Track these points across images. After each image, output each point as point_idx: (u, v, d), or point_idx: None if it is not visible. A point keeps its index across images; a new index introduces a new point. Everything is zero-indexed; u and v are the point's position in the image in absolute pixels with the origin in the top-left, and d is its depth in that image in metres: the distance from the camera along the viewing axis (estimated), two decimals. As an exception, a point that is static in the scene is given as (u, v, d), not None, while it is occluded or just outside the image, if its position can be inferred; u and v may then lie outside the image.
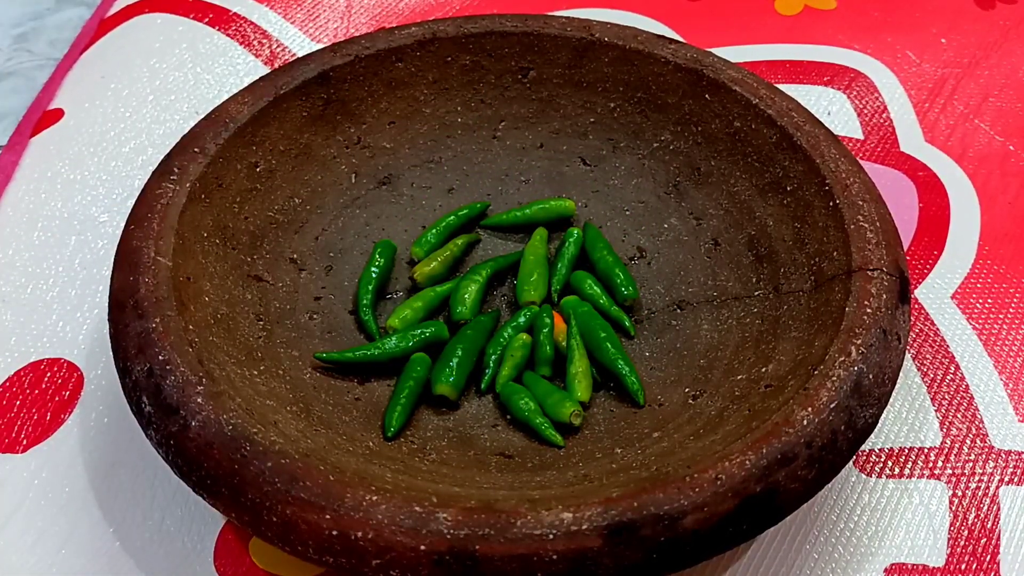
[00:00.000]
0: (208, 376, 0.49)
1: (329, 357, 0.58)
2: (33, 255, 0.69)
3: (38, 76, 0.89)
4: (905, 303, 0.53)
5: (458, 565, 0.43)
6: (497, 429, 0.57)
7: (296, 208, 0.64)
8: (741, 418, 0.51)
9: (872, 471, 0.58)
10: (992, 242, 0.70)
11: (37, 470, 0.58)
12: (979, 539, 0.56)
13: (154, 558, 0.55)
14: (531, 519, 0.43)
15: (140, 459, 0.58)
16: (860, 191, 0.57)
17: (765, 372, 0.54)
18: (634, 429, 0.55)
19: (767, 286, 0.60)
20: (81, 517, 0.56)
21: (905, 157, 0.76)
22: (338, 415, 0.55)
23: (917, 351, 0.64)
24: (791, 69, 0.84)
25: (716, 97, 0.64)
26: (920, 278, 0.68)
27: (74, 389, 0.62)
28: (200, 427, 0.46)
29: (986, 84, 0.83)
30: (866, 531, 0.56)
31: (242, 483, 0.45)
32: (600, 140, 0.68)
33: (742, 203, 0.63)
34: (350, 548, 0.43)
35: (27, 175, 0.74)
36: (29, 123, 0.79)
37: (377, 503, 0.44)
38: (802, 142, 0.60)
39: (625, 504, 0.44)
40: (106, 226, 0.71)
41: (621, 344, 0.60)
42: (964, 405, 0.61)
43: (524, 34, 0.67)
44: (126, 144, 0.76)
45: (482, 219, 0.68)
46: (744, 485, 0.45)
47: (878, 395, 0.50)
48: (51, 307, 0.66)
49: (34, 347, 0.64)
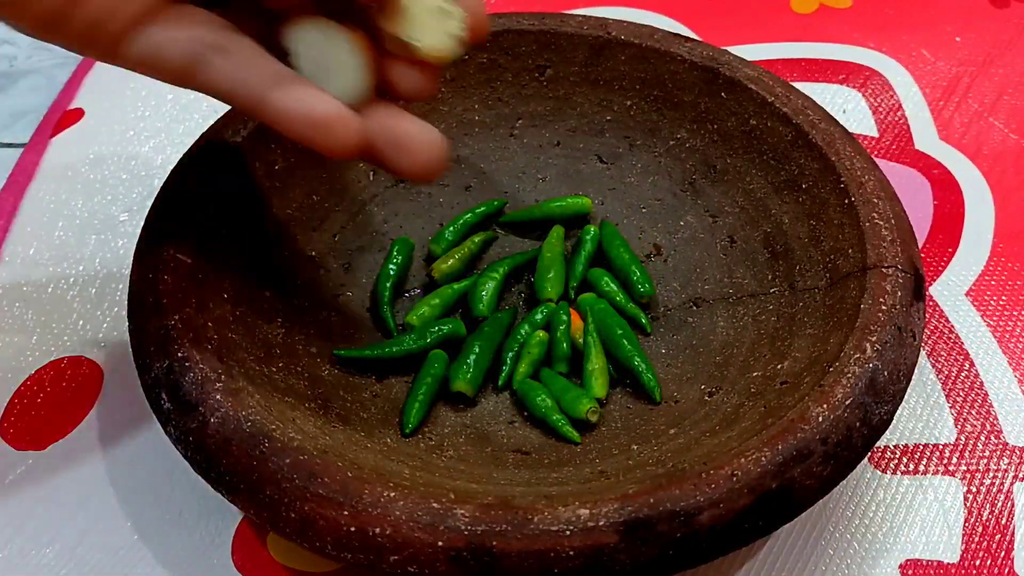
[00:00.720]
0: (227, 373, 0.49)
1: (347, 354, 0.58)
2: (54, 254, 0.70)
3: (57, 74, 0.89)
4: (920, 300, 0.53)
5: (475, 561, 0.43)
6: (514, 426, 0.57)
7: (314, 206, 0.64)
8: (757, 415, 0.51)
9: (887, 468, 0.58)
10: (1006, 239, 0.70)
11: (57, 466, 0.59)
12: (994, 535, 0.56)
13: (172, 553, 0.55)
14: (548, 515, 0.43)
15: (159, 455, 0.59)
16: (875, 189, 0.57)
17: (781, 369, 0.54)
18: (650, 426, 0.56)
19: (783, 283, 0.60)
20: (100, 512, 0.57)
21: (920, 155, 0.76)
22: (356, 412, 0.55)
23: (932, 348, 0.64)
24: (806, 67, 0.84)
25: (732, 95, 0.64)
26: (935, 275, 0.68)
27: (94, 386, 0.62)
28: (219, 424, 0.47)
29: (1001, 82, 0.82)
30: (881, 527, 0.56)
31: (260, 479, 0.45)
32: (616, 138, 0.68)
33: (758, 201, 0.63)
34: (368, 544, 0.44)
35: (48, 175, 0.75)
36: (50, 123, 0.79)
37: (395, 499, 0.44)
38: (817, 140, 0.60)
39: (641, 500, 0.44)
40: (126, 225, 0.71)
41: (638, 341, 0.60)
42: (979, 402, 0.61)
43: (541, 32, 0.67)
44: (146, 143, 0.77)
45: (499, 217, 0.68)
46: (760, 481, 0.45)
47: (893, 392, 0.50)
48: (72, 305, 0.67)
49: (55, 345, 0.64)
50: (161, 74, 0.46)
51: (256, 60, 0.45)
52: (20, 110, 0.86)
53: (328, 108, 0.44)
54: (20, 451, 0.59)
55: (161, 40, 0.45)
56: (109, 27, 0.44)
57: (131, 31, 0.44)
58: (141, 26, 0.44)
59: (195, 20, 0.45)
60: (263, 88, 0.45)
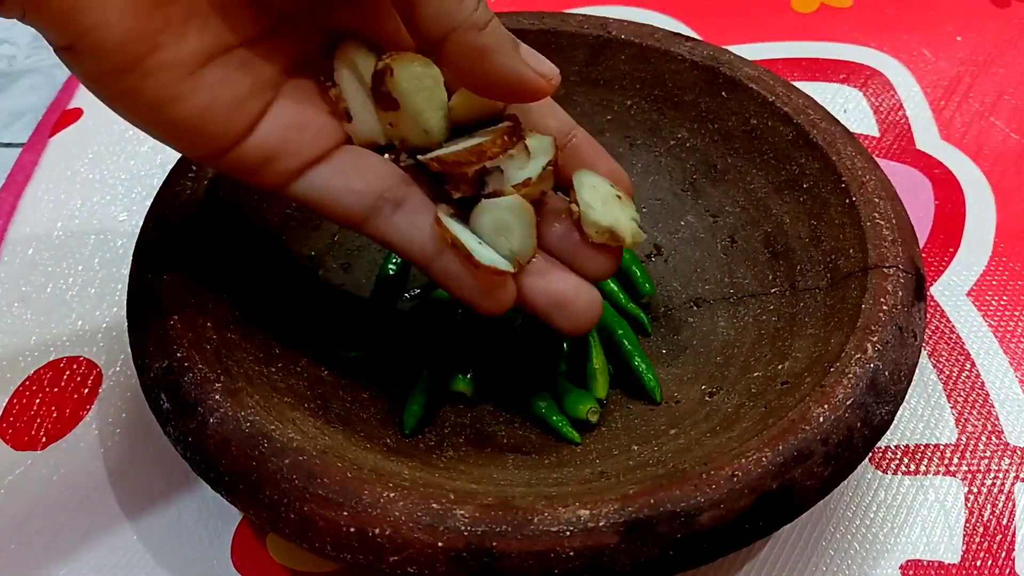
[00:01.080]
0: (226, 373, 0.49)
1: (347, 354, 0.58)
2: (53, 254, 0.69)
3: (57, 74, 0.89)
4: (921, 300, 0.53)
5: (475, 562, 0.43)
6: (514, 426, 0.57)
7: (314, 206, 0.64)
8: (757, 415, 0.51)
9: (888, 468, 0.58)
10: (1008, 239, 0.70)
11: (56, 466, 0.59)
12: (995, 536, 0.56)
13: (172, 553, 0.55)
14: (548, 516, 0.43)
15: (158, 455, 0.59)
16: (876, 188, 0.57)
17: (781, 369, 0.54)
18: (651, 426, 0.56)
19: (783, 283, 0.60)
20: (99, 513, 0.57)
21: (921, 155, 0.76)
22: (355, 412, 0.55)
23: (933, 348, 0.64)
24: (807, 67, 0.84)
25: (732, 95, 0.64)
26: (936, 275, 0.68)
27: (93, 386, 0.62)
28: (218, 424, 0.47)
29: (1001, 82, 0.82)
30: (882, 528, 0.56)
31: (260, 480, 0.45)
32: (617, 137, 0.68)
33: (758, 200, 0.63)
34: (367, 545, 0.43)
35: (47, 174, 0.75)
36: (48, 123, 0.79)
37: (394, 500, 0.44)
38: (818, 139, 0.60)
39: (642, 501, 0.44)
40: (125, 225, 0.71)
41: (638, 341, 0.60)
42: (980, 402, 0.61)
43: (541, 31, 0.67)
44: (145, 143, 0.77)
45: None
46: (760, 482, 0.45)
47: (894, 392, 0.50)
48: (71, 305, 0.67)
49: (54, 345, 0.64)
50: (333, 216, 0.47)
51: (428, 217, 0.47)
52: (19, 109, 0.86)
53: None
54: (19, 451, 0.59)
55: (339, 187, 0.46)
56: (284, 164, 0.46)
57: (307, 170, 0.46)
58: (316, 166, 0.46)
59: (373, 169, 0.47)
60: (435, 250, 0.47)
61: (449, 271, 0.48)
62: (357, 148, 0.47)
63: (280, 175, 0.46)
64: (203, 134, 0.44)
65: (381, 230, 0.48)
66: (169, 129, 0.44)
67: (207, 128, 0.43)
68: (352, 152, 0.47)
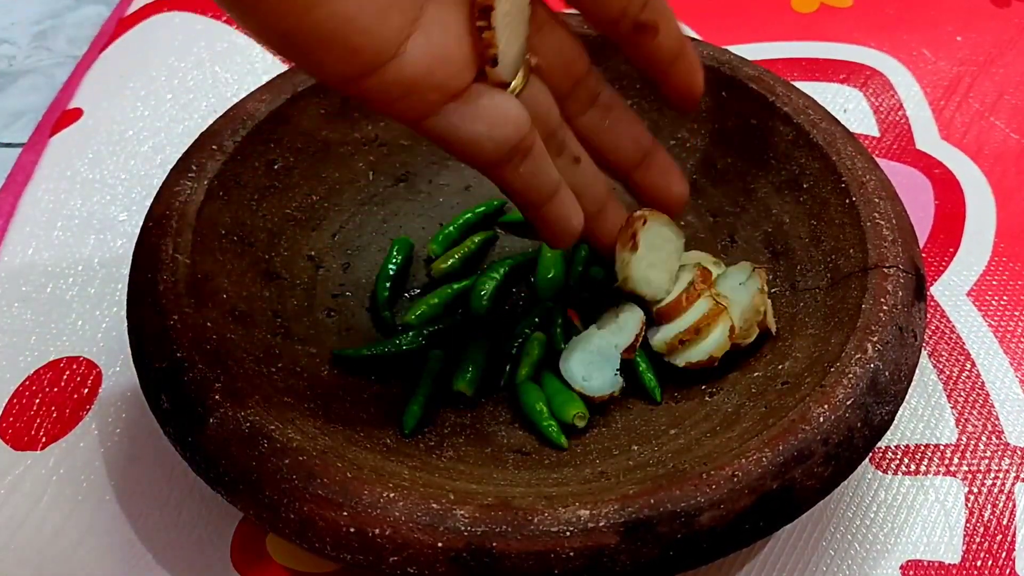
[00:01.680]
0: (226, 373, 0.49)
1: (347, 354, 0.58)
2: (53, 254, 0.69)
3: (57, 73, 0.89)
4: (921, 300, 0.53)
5: (475, 562, 0.43)
6: (515, 426, 0.57)
7: (314, 205, 0.64)
8: (758, 415, 0.51)
9: (888, 468, 0.58)
10: (1008, 239, 0.70)
11: (56, 466, 0.59)
12: (995, 536, 0.56)
13: (172, 553, 0.55)
14: (548, 516, 0.43)
15: (157, 455, 0.58)
16: (876, 188, 0.57)
17: (782, 369, 0.54)
18: (651, 426, 0.56)
19: (783, 283, 0.60)
20: (99, 512, 0.57)
21: (921, 155, 0.76)
22: (355, 412, 0.55)
23: (933, 348, 0.64)
24: (807, 67, 0.84)
25: (733, 94, 0.64)
26: (936, 275, 0.68)
27: (92, 386, 0.62)
28: (218, 424, 0.47)
29: (1001, 82, 0.82)
30: (882, 528, 0.56)
31: (260, 480, 0.45)
32: (616, 138, 0.68)
33: (759, 200, 0.63)
34: (367, 545, 0.43)
35: (47, 174, 0.75)
36: (48, 122, 0.79)
37: (394, 500, 0.44)
38: (818, 139, 0.60)
39: (642, 501, 0.44)
40: (125, 225, 0.71)
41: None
42: (980, 402, 0.61)
43: (540, 32, 0.67)
44: (145, 143, 0.77)
45: (499, 217, 0.68)
46: (760, 482, 0.45)
47: (894, 392, 0.50)
48: (70, 305, 0.67)
49: (53, 345, 0.64)
50: (463, 158, 0.47)
51: (548, 166, 0.49)
52: (19, 109, 0.86)
53: (579, 222, 0.52)
54: (19, 452, 0.59)
55: (480, 133, 0.46)
56: (428, 96, 0.44)
57: (445, 105, 0.45)
58: (454, 102, 0.45)
59: (511, 117, 0.46)
60: (548, 195, 0.50)
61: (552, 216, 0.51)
62: (493, 89, 0.46)
63: (421, 108, 0.44)
64: (349, 45, 0.41)
65: (510, 177, 0.48)
66: (312, 37, 0.41)
67: (352, 39, 0.41)
68: (490, 94, 0.46)
